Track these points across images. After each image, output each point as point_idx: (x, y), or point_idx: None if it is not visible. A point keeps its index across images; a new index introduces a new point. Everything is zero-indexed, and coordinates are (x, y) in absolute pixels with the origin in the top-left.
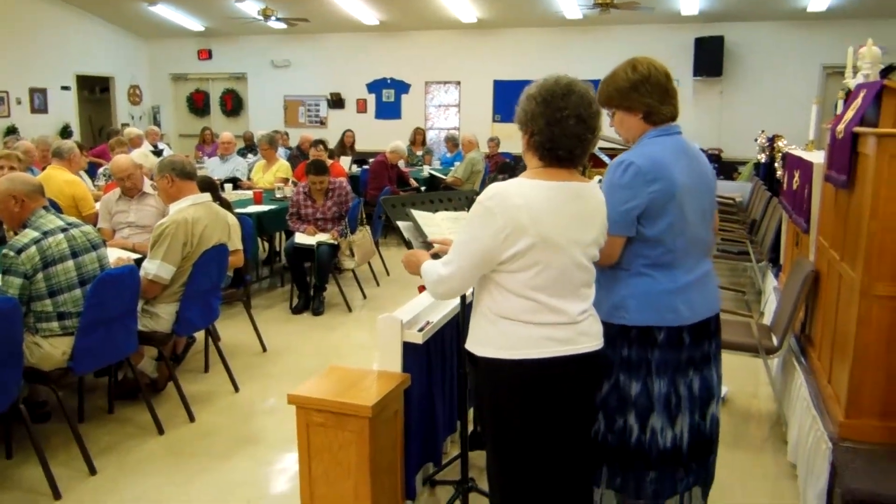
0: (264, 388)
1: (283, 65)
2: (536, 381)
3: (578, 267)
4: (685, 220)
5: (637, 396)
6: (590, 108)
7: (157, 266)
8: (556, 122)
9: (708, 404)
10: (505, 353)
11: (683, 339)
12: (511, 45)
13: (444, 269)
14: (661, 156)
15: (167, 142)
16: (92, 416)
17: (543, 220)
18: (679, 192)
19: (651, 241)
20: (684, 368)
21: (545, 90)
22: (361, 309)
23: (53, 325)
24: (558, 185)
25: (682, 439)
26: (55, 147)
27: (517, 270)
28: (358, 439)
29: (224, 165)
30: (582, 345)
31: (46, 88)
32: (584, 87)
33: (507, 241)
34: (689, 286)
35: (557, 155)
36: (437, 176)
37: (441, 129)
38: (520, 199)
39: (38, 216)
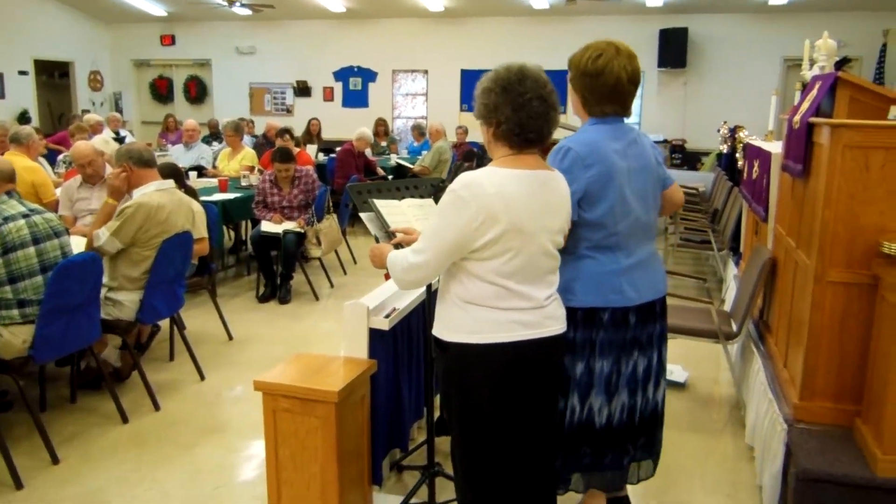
0: (230, 376)
1: (248, 51)
2: (506, 364)
3: (545, 254)
4: (626, 204)
5: (580, 376)
6: (546, 88)
7: (105, 238)
8: (520, 106)
9: (647, 386)
10: (475, 337)
11: (629, 319)
12: (478, 34)
13: (414, 257)
14: (597, 141)
15: (129, 129)
16: (55, 406)
17: (515, 208)
18: (617, 175)
19: (593, 224)
20: (629, 349)
21: (501, 79)
22: (328, 297)
23: (13, 313)
24: (528, 174)
25: (615, 418)
26: (13, 133)
27: (488, 258)
28: (324, 425)
29: (188, 153)
30: (548, 328)
31: (3, 73)
32: (535, 68)
33: (479, 229)
34: (633, 268)
35: (528, 138)
36: (404, 165)
37: (408, 118)
38: (492, 188)
39: (1, 202)
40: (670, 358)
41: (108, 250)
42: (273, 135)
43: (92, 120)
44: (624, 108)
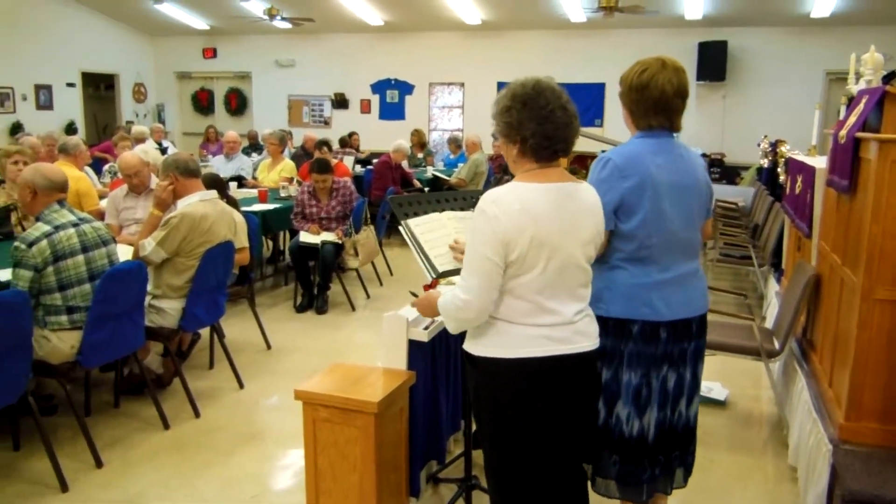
0: (268, 385)
1: (287, 64)
2: (535, 379)
3: (576, 267)
4: (663, 218)
5: (607, 383)
6: (563, 98)
7: (151, 248)
8: (544, 119)
9: (678, 401)
10: (504, 352)
11: (660, 334)
12: (515, 47)
13: (463, 293)
14: (638, 153)
15: (171, 140)
16: (98, 411)
17: (542, 221)
18: (655, 188)
19: (626, 235)
20: (659, 364)
21: (519, 95)
22: (364, 308)
23: (62, 319)
24: (553, 187)
25: (648, 431)
26: (61, 143)
27: (517, 275)
28: (363, 435)
29: (229, 164)
30: (578, 344)
31: (52, 85)
32: (548, 80)
33: (509, 245)
34: (667, 283)
35: (556, 149)
36: (440, 177)
37: (444, 131)
38: (517, 203)
39: (52, 210)
40: (709, 375)
41: (154, 260)
42: (311, 146)
43: (137, 131)
44: (671, 122)
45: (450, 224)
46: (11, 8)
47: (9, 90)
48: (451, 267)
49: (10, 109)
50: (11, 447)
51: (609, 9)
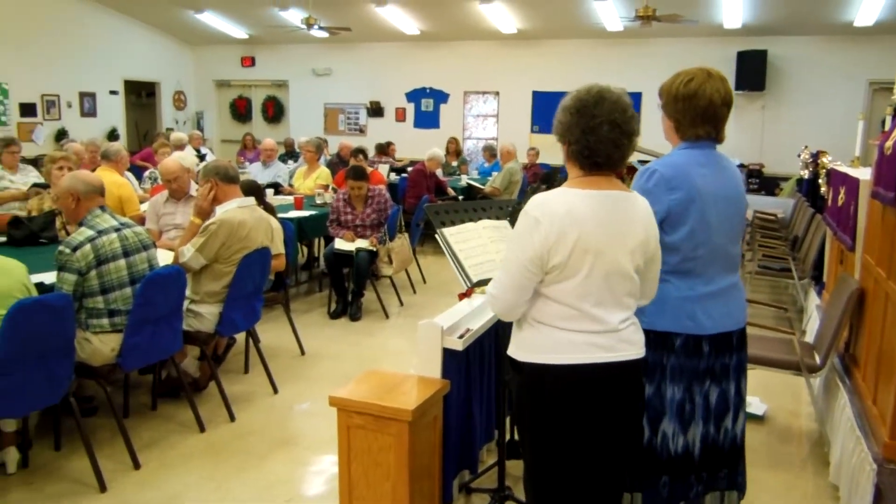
0: (302, 390)
1: (324, 73)
2: (579, 386)
3: (621, 275)
4: (708, 230)
5: (650, 399)
6: (624, 114)
7: (190, 254)
8: (590, 130)
9: (724, 417)
10: (549, 357)
11: (703, 348)
12: (550, 56)
13: (494, 287)
14: (684, 164)
15: (210, 147)
16: (136, 412)
17: (586, 227)
18: (701, 200)
19: (671, 247)
20: (702, 378)
21: (578, 100)
22: (398, 316)
23: (104, 322)
24: (600, 194)
25: (693, 447)
26: (103, 149)
27: (561, 280)
28: (397, 443)
29: (266, 171)
30: (623, 352)
31: (95, 93)
32: (618, 93)
33: (552, 249)
34: (709, 297)
35: (595, 162)
36: (474, 185)
37: (479, 139)
38: (563, 208)
39: (95, 215)
40: (747, 389)
41: (193, 266)
42: (347, 154)
43: (175, 138)
44: (717, 132)
45: (485, 233)
46: (58, 18)
47: (55, 98)
48: (485, 276)
49: (56, 116)
50: (53, 447)
51: (646, 18)
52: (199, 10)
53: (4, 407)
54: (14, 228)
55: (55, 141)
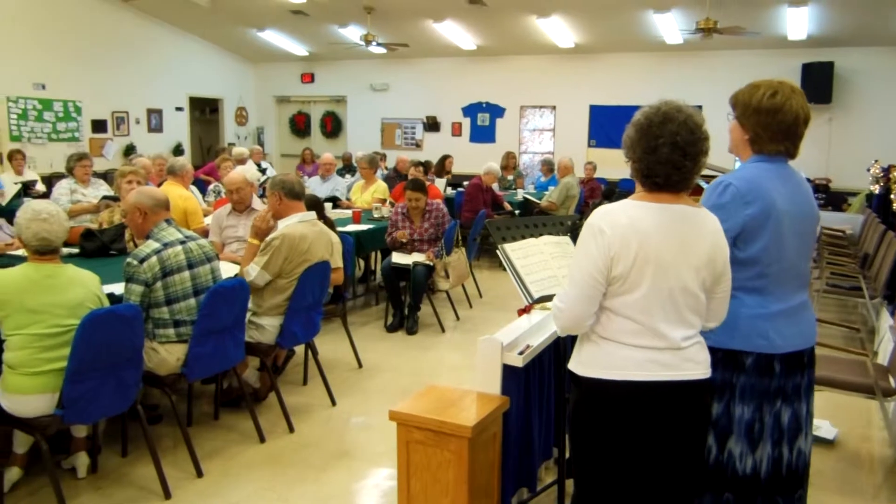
0: (359, 403)
1: (381, 88)
2: (639, 404)
3: (685, 291)
4: (782, 247)
5: (718, 417)
6: (690, 135)
7: (256, 272)
8: (651, 150)
9: (796, 438)
10: (608, 373)
11: (774, 367)
12: (608, 70)
13: (559, 301)
14: (759, 178)
15: (270, 161)
16: (199, 421)
17: (648, 240)
18: (776, 216)
19: (743, 263)
20: (772, 398)
21: (645, 118)
22: (454, 330)
23: (170, 332)
24: (664, 207)
25: (761, 467)
26: (169, 164)
27: (622, 292)
28: (457, 459)
29: (324, 185)
30: (687, 371)
31: (162, 109)
32: (688, 113)
33: (615, 258)
34: (781, 314)
35: (655, 182)
36: (531, 200)
37: (535, 153)
38: (625, 218)
39: (161, 228)
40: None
41: (259, 283)
42: (403, 168)
43: (237, 152)
44: (795, 148)
45: (546, 249)
46: (128, 38)
47: (124, 114)
48: (546, 292)
49: (125, 132)
50: (120, 453)
51: (707, 30)
52: (261, 28)
53: (77, 413)
54: (86, 240)
55: (124, 156)
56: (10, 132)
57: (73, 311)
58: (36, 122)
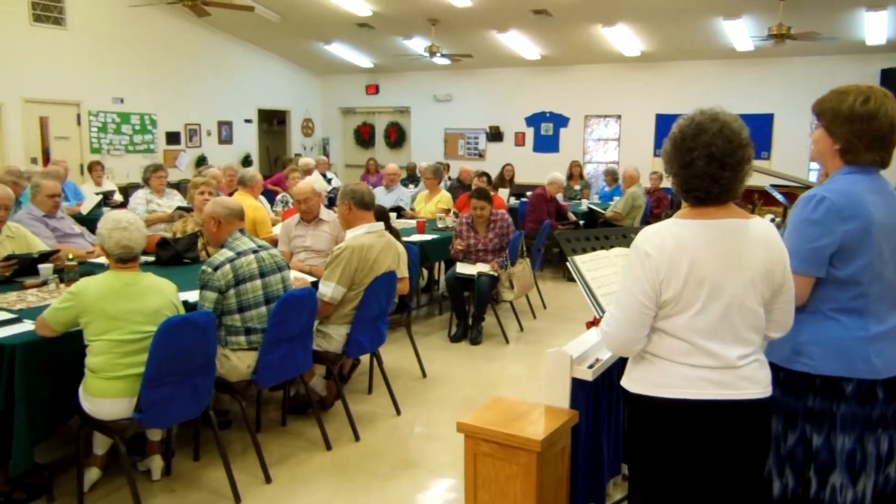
0: (424, 412)
1: (444, 99)
2: (692, 423)
3: (741, 308)
4: (882, 263)
5: (818, 450)
6: (727, 145)
7: (331, 289)
8: (686, 164)
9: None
10: (658, 390)
11: (876, 394)
12: (675, 78)
13: (605, 324)
14: (856, 192)
15: (335, 171)
16: (267, 428)
17: (700, 259)
18: (876, 231)
19: (843, 282)
20: (874, 426)
21: (679, 131)
22: (518, 341)
23: (241, 340)
24: (712, 223)
25: (863, 500)
26: (239, 175)
27: (674, 314)
28: (525, 473)
29: (389, 195)
30: (744, 390)
31: (232, 121)
32: (723, 121)
33: (664, 282)
34: (882, 337)
35: (696, 196)
36: (595, 210)
37: (599, 163)
38: (672, 239)
39: (235, 238)
40: None
41: (337, 298)
42: (467, 178)
43: (303, 163)
44: (889, 157)
45: (618, 261)
46: (200, 53)
47: (196, 126)
48: None
49: (197, 144)
50: (192, 457)
51: (780, 36)
52: (328, 41)
53: (153, 417)
54: (161, 249)
55: (195, 167)
56: (90, 144)
57: (151, 318)
58: (114, 134)
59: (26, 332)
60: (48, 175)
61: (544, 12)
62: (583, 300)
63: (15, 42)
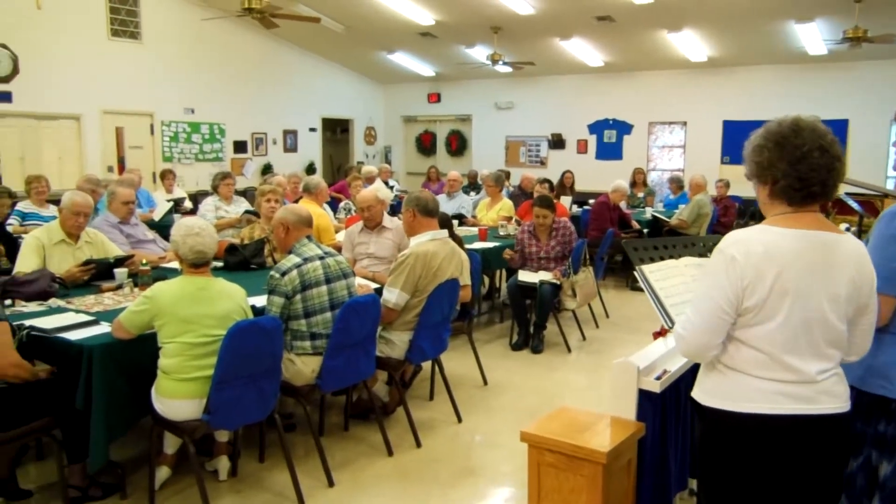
0: (485, 421)
1: (506, 106)
2: (769, 439)
3: (823, 323)
4: None
5: (886, 479)
6: (826, 138)
7: (396, 295)
8: (798, 160)
9: None
10: (734, 404)
11: None
12: (743, 83)
13: (681, 328)
14: None
15: (396, 179)
16: (330, 432)
17: (787, 269)
18: None
19: None
20: None
21: (773, 134)
22: (580, 350)
23: (306, 345)
24: (805, 234)
25: None
26: (305, 182)
27: (754, 324)
28: (590, 485)
29: (450, 202)
30: (824, 405)
31: (297, 130)
32: (811, 119)
33: (748, 290)
34: None
35: (811, 192)
36: (660, 218)
37: (664, 171)
38: (761, 247)
39: (302, 244)
40: None
41: (400, 304)
42: (528, 186)
43: (366, 170)
44: None
45: (687, 271)
46: (267, 63)
47: (263, 135)
48: None
49: (263, 152)
50: (257, 458)
51: (856, 39)
52: (391, 51)
53: (221, 419)
54: (229, 254)
55: (261, 174)
56: (163, 153)
57: (221, 322)
58: (185, 143)
59: (103, 334)
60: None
61: (608, 18)
62: (647, 310)
63: (94, 56)
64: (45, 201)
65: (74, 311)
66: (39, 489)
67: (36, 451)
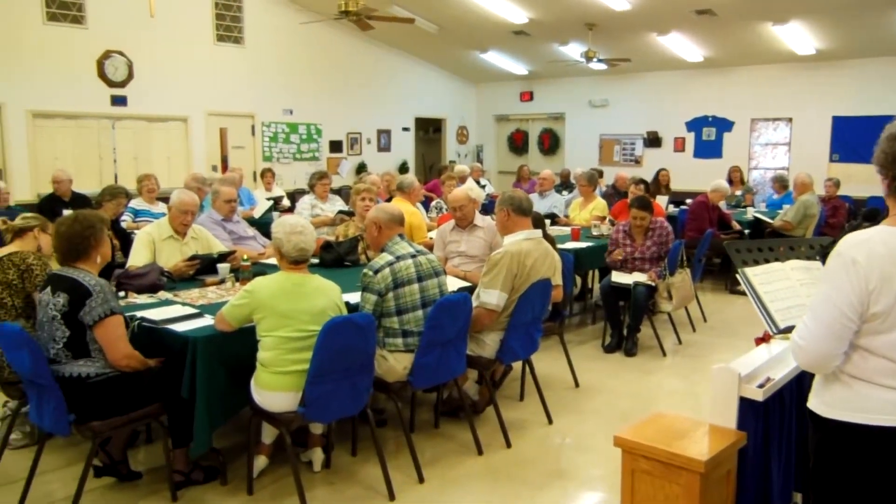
0: (576, 423)
1: (600, 104)
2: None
3: None
4: None
5: None
6: None
7: (496, 296)
8: None
9: None
10: (859, 417)
11: None
12: (855, 77)
13: (799, 337)
14: None
15: (488, 178)
16: (420, 428)
17: None
18: None
19: None
20: None
21: None
22: (675, 354)
23: (398, 342)
24: None
25: None
26: (398, 181)
27: (880, 331)
28: (687, 494)
29: (542, 202)
30: None
31: (390, 129)
32: None
33: (873, 294)
34: None
35: None
36: (762, 219)
37: (766, 169)
38: (884, 248)
39: (394, 242)
40: None
41: (501, 305)
42: (622, 185)
43: (458, 170)
44: None
45: (794, 275)
46: (362, 65)
47: (357, 135)
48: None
49: (358, 152)
50: (350, 452)
51: None
52: (484, 50)
53: (316, 412)
54: (325, 251)
55: (356, 173)
56: (263, 153)
57: (316, 318)
58: (284, 143)
59: (207, 327)
60: (225, 182)
61: (708, 12)
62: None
63: (201, 61)
64: (155, 199)
65: (181, 303)
66: (148, 471)
67: (146, 436)
